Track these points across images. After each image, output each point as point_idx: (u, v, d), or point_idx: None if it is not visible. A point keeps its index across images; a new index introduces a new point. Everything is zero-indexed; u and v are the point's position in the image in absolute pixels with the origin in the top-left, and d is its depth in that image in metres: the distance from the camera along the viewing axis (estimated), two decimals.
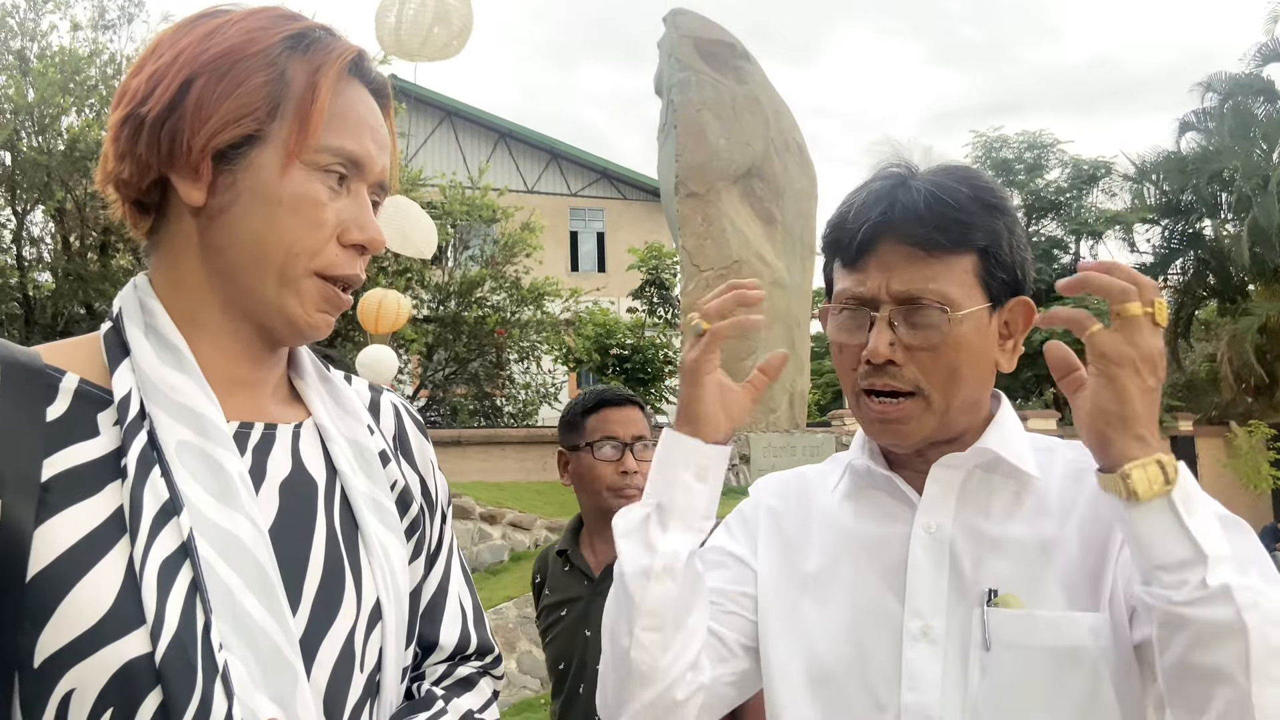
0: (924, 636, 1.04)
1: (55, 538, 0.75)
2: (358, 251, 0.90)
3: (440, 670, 1.01)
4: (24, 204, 13.31)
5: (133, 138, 0.86)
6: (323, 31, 0.92)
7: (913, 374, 1.04)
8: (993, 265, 1.05)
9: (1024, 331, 1.10)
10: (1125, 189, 20.64)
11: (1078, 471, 1.07)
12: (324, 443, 0.93)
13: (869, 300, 1.06)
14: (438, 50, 5.47)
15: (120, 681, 0.74)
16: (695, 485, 1.06)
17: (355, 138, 0.89)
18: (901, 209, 1.05)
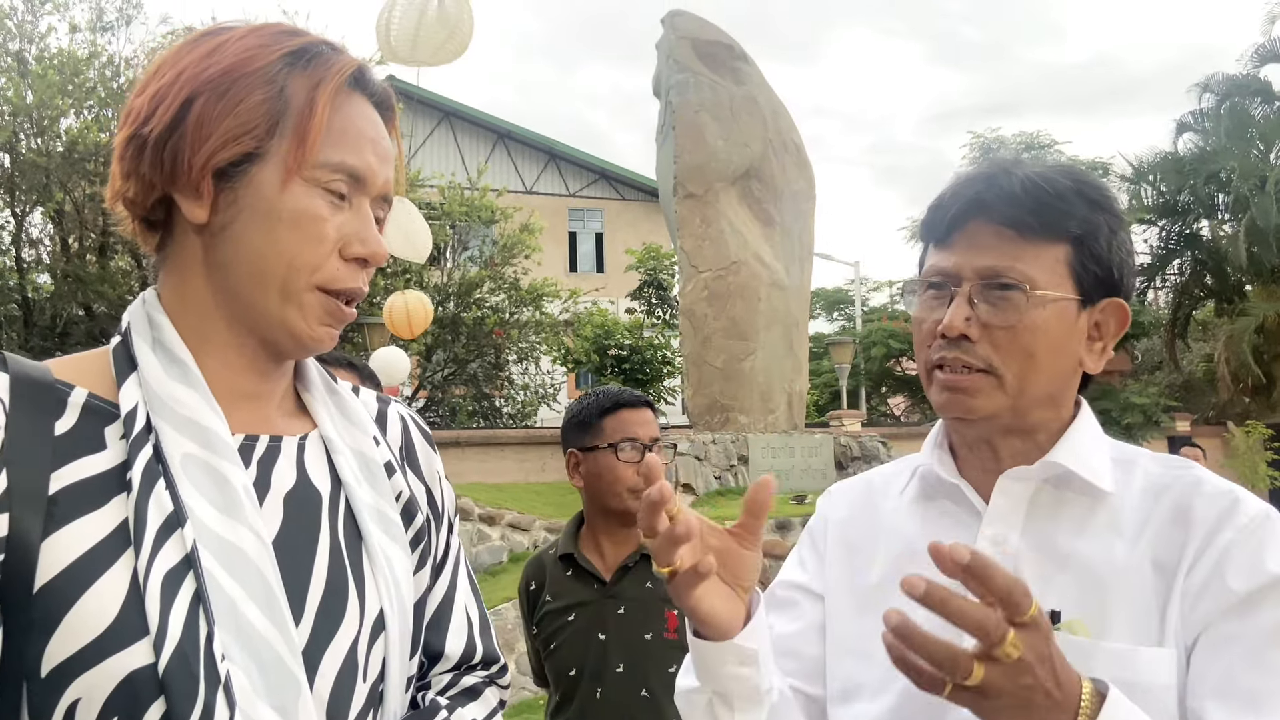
0: None
1: (62, 550, 0.76)
2: (360, 265, 0.90)
3: (446, 679, 1.01)
4: (23, 206, 13.31)
5: (136, 157, 0.87)
6: (324, 46, 0.92)
7: (986, 351, 1.02)
8: (1086, 258, 1.03)
9: (1116, 335, 1.07)
10: (1123, 189, 20.65)
11: (1158, 488, 1.03)
12: (329, 454, 0.94)
13: (952, 275, 1.04)
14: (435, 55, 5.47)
15: (124, 691, 0.75)
16: (743, 671, 0.99)
17: (356, 152, 0.89)
18: (998, 189, 1.03)
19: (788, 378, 12.00)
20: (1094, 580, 1.00)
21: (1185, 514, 1.00)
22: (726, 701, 1.02)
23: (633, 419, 2.17)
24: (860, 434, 12.79)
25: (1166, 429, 16.17)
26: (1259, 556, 0.96)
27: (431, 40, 5.34)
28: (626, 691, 2.04)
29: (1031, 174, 1.04)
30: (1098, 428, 1.10)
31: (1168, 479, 1.04)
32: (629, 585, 2.10)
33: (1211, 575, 0.96)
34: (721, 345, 11.36)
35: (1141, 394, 17.35)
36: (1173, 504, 1.02)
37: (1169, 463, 1.07)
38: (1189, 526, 0.99)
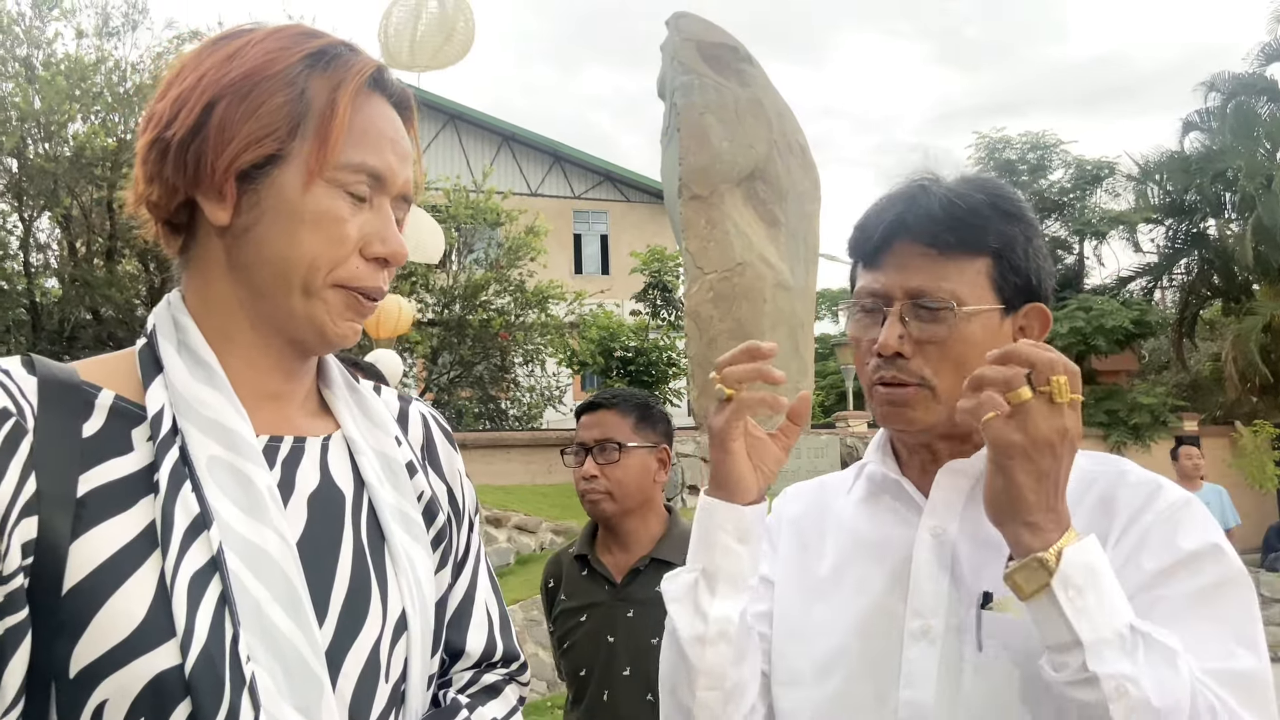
0: (923, 636, 1.07)
1: (90, 552, 0.77)
2: (380, 264, 0.92)
3: (466, 677, 1.02)
4: (31, 211, 13.35)
5: (159, 161, 0.88)
6: (343, 48, 0.93)
7: (919, 366, 1.09)
8: (1006, 269, 1.10)
9: (1039, 337, 1.13)
10: (1129, 189, 20.59)
11: (1087, 480, 1.09)
12: (352, 455, 0.95)
13: (883, 295, 1.11)
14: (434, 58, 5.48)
15: (151, 693, 0.76)
16: (737, 548, 1.10)
17: (377, 152, 0.90)
18: (919, 212, 1.10)
19: (793, 379, 11.99)
20: None
21: (1110, 502, 1.06)
22: (711, 581, 1.10)
23: (583, 422, 2.19)
24: (866, 434, 12.77)
25: (1174, 429, 16.12)
26: (1173, 537, 1.01)
27: (429, 44, 5.35)
28: (632, 695, 2.04)
29: (948, 192, 1.11)
30: None
31: (1095, 472, 1.10)
32: (638, 588, 2.10)
33: (1129, 556, 1.02)
34: (727, 347, 11.08)
35: (1148, 394, 17.28)
36: (1099, 494, 1.08)
37: (1097, 459, 1.14)
38: (1113, 514, 1.05)
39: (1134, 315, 17.70)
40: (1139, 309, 18.31)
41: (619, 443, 2.12)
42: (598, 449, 2.13)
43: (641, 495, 2.14)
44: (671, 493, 10.69)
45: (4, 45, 13.15)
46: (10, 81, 12.90)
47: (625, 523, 2.15)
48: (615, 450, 2.12)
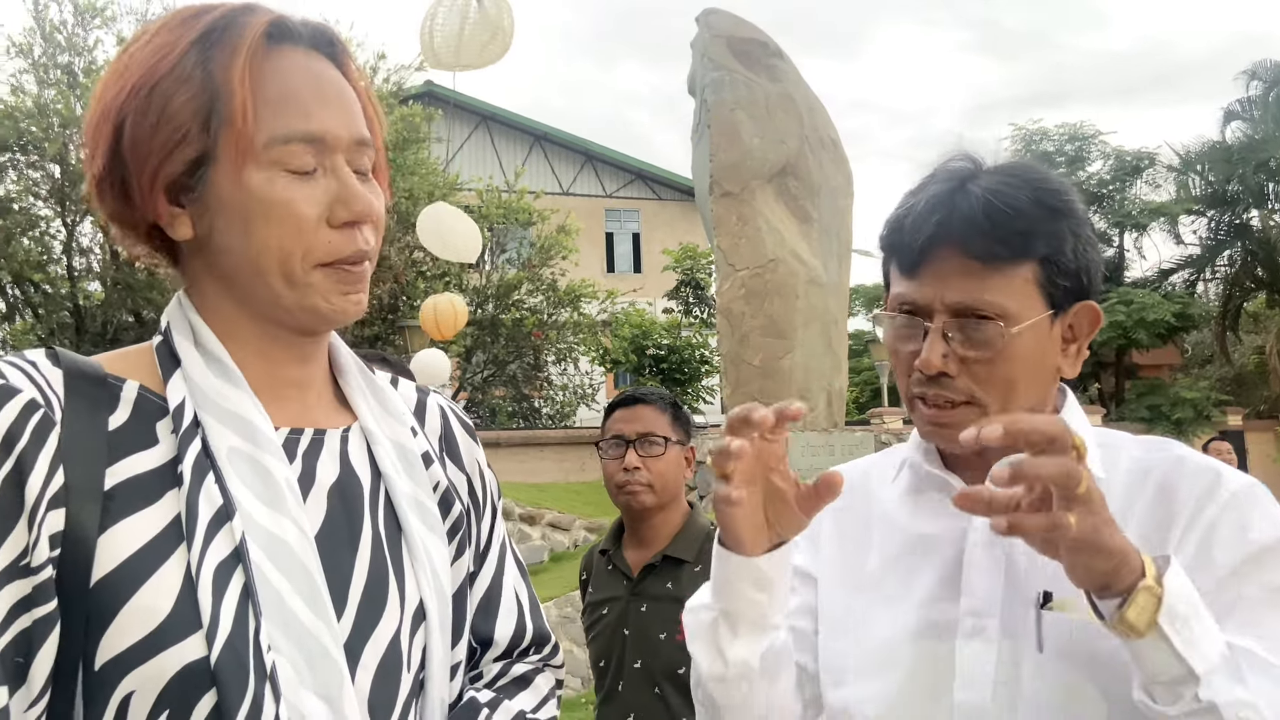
0: (978, 635, 1.03)
1: (118, 545, 0.77)
2: (353, 227, 0.85)
3: (496, 670, 1.01)
4: (73, 216, 13.63)
5: (102, 199, 0.86)
6: (234, 13, 0.85)
7: (966, 385, 1.02)
8: (1054, 273, 1.02)
9: (1088, 336, 1.07)
10: (1169, 180, 20.25)
11: (1142, 470, 1.04)
12: (369, 445, 0.94)
13: (923, 309, 1.04)
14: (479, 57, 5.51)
15: (178, 684, 0.76)
16: (757, 595, 1.03)
17: (301, 115, 0.83)
18: (959, 218, 1.01)
19: (827, 375, 11.92)
20: None
21: (1169, 493, 1.02)
22: (732, 623, 1.04)
23: (621, 416, 2.21)
24: (902, 431, 12.67)
25: (1217, 423, 15.83)
26: (1242, 528, 0.97)
27: (475, 43, 5.39)
28: (641, 688, 2.09)
29: (989, 194, 1.02)
30: (1083, 414, 1.11)
31: (1151, 460, 1.05)
32: (652, 584, 2.14)
33: (1198, 552, 0.98)
34: (759, 343, 11.32)
35: (1192, 388, 17.00)
36: (1156, 484, 1.03)
37: (1150, 445, 1.09)
38: (1173, 505, 1.01)
39: (1176, 308, 17.41)
40: (1181, 302, 18.01)
41: (664, 436, 2.15)
42: (640, 442, 2.15)
43: (675, 490, 2.19)
44: (705, 490, 10.67)
45: (46, 53, 13.43)
46: (53, 89, 13.16)
47: (653, 517, 2.18)
48: (660, 444, 2.14)
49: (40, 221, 13.75)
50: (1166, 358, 20.28)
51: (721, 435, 0.97)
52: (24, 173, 13.63)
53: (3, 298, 14.07)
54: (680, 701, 2.05)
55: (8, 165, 13.54)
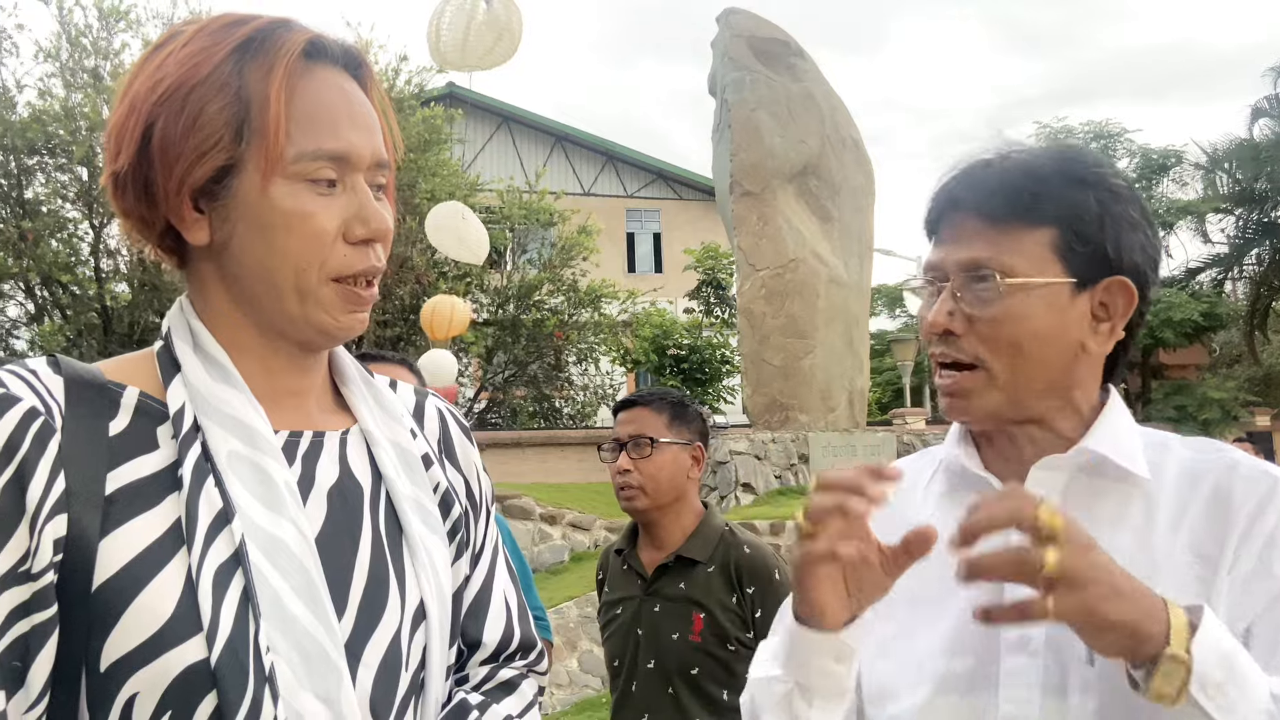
0: (1023, 648, 0.99)
1: (119, 549, 0.78)
2: (367, 244, 0.88)
3: (483, 673, 1.01)
4: (101, 218, 13.79)
5: (121, 196, 0.86)
6: (274, 26, 0.86)
7: (972, 345, 1.01)
8: (1073, 239, 1.00)
9: (1125, 314, 1.03)
10: (1197, 178, 20.03)
11: (1194, 473, 1.01)
12: (369, 448, 0.95)
13: (939, 270, 1.04)
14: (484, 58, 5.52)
15: (180, 685, 0.77)
16: (835, 667, 0.98)
17: (331, 133, 0.85)
18: (974, 181, 1.03)
19: (848, 375, 11.87)
20: (1135, 571, 0.96)
21: (1225, 499, 0.98)
22: (807, 695, 1.00)
23: (620, 419, 2.23)
24: (924, 431, 12.61)
25: (1245, 424, 15.63)
26: None
27: (480, 44, 5.40)
28: (654, 688, 2.10)
29: (1011, 162, 1.02)
30: (1129, 415, 1.07)
31: (1204, 463, 1.01)
32: (665, 584, 2.15)
33: (1258, 563, 0.94)
34: (780, 343, 11.28)
35: (1219, 388, 16.80)
36: (1211, 489, 0.99)
37: (1201, 446, 1.05)
38: (1229, 512, 0.97)
39: (1203, 307, 17.23)
40: (1208, 301, 17.81)
41: (650, 438, 2.16)
42: (631, 444, 2.17)
43: (674, 491, 2.17)
44: (725, 490, 10.65)
45: (73, 57, 13.60)
46: (80, 92, 13.33)
47: (659, 518, 2.18)
48: (647, 445, 2.15)
49: (68, 224, 13.93)
50: (1194, 357, 20.05)
51: (810, 494, 0.92)
52: (52, 175, 13.81)
53: (32, 299, 14.25)
54: (693, 701, 2.05)
55: (36, 168, 13.72)
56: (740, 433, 11.44)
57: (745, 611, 2.08)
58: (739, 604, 2.08)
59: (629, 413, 2.21)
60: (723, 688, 2.05)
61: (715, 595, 2.08)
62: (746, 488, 10.71)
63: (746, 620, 2.08)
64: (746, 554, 2.12)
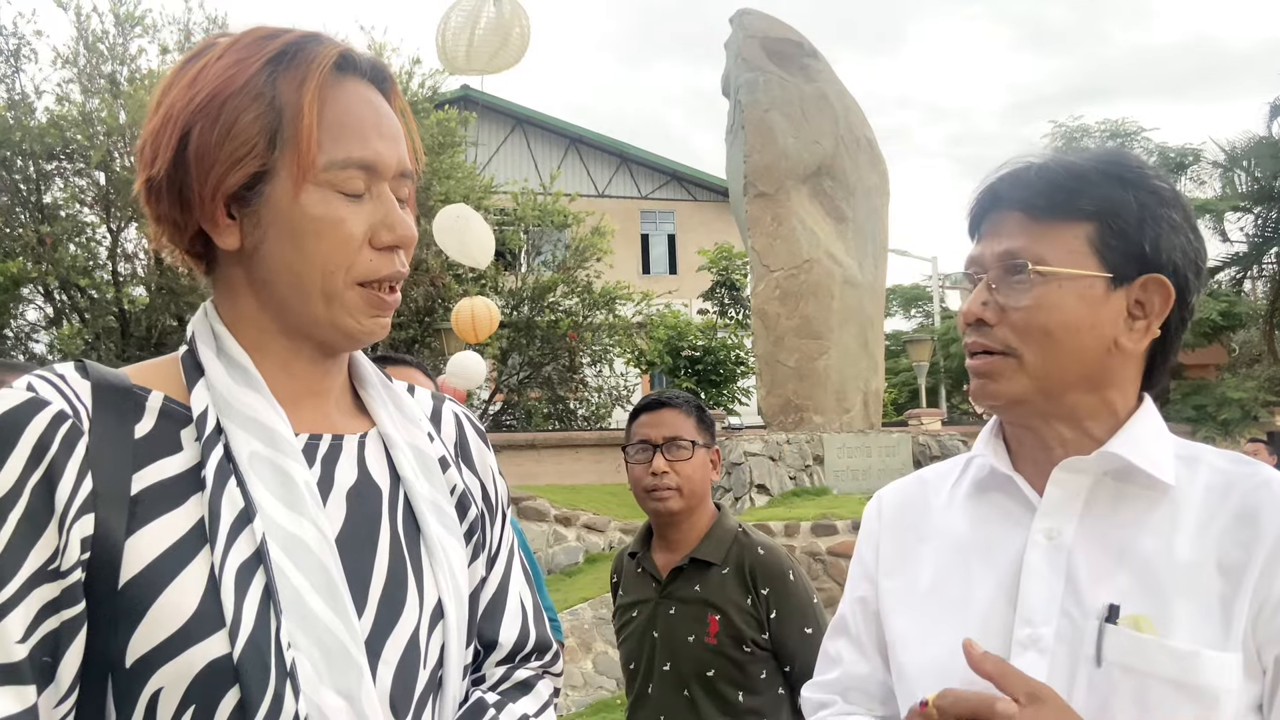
0: (1032, 645, 1.00)
1: (145, 547, 0.80)
2: (392, 250, 0.91)
3: (499, 673, 1.03)
4: (118, 222, 13.90)
5: (156, 201, 0.89)
6: (306, 40, 0.90)
7: (1004, 334, 1.03)
8: (1109, 235, 1.02)
9: (1161, 313, 1.04)
10: (1215, 176, 19.86)
11: (1224, 485, 1.01)
12: (388, 451, 0.97)
13: (978, 264, 1.07)
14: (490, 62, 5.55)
15: (203, 680, 0.79)
16: None
17: (360, 142, 0.88)
18: (1012, 178, 1.06)
19: (863, 376, 11.83)
20: (1154, 577, 0.98)
21: (1254, 515, 0.97)
22: None
23: (647, 420, 2.21)
24: (940, 432, 12.55)
25: (1265, 424, 15.48)
26: None
27: (486, 48, 5.43)
28: (670, 691, 2.10)
29: (1053, 161, 1.05)
30: (1161, 421, 1.07)
31: (1234, 476, 1.01)
32: (680, 587, 2.15)
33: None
34: (794, 344, 11.26)
35: (1238, 388, 16.63)
36: (1240, 503, 0.99)
37: (1236, 459, 1.05)
38: (1258, 529, 0.96)
39: (1222, 306, 17.07)
40: (1227, 300, 17.65)
41: (690, 440, 2.15)
42: (667, 446, 2.16)
43: (703, 492, 2.19)
44: (740, 491, 10.64)
45: (90, 62, 13.71)
46: (97, 97, 13.44)
47: (683, 520, 2.19)
48: (687, 447, 2.15)
49: (86, 228, 14.04)
50: (1212, 357, 19.88)
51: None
52: (70, 180, 13.92)
53: (50, 303, 14.38)
54: (708, 703, 2.05)
55: (54, 173, 13.84)
56: (755, 434, 11.43)
57: (760, 613, 2.08)
58: (754, 605, 2.08)
59: (657, 414, 2.20)
60: (738, 689, 2.05)
61: (730, 597, 2.08)
62: (761, 489, 10.69)
63: (761, 621, 2.08)
64: (760, 555, 2.12)
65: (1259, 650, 0.94)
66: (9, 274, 12.41)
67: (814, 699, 1.24)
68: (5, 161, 13.10)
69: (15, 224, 13.38)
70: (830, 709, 1.20)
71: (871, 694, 1.19)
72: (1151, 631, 0.95)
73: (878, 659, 1.18)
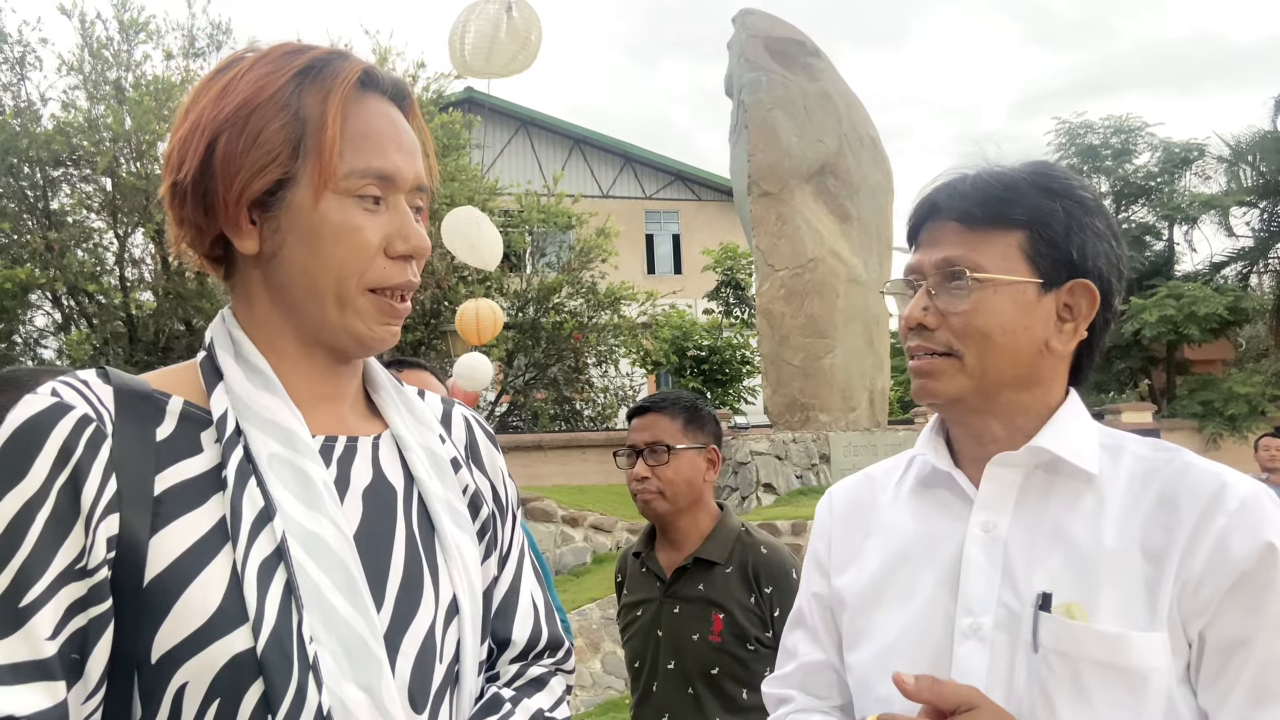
0: (973, 634, 1.05)
1: (168, 546, 0.83)
2: (405, 260, 0.94)
3: (513, 670, 1.06)
4: (125, 227, 13.95)
5: (180, 205, 0.92)
6: (331, 56, 0.94)
7: (945, 337, 1.09)
8: (1040, 243, 1.07)
9: (1087, 316, 1.10)
10: (1220, 171, 19.79)
11: (1145, 472, 1.06)
12: (401, 452, 1.00)
13: (917, 271, 1.12)
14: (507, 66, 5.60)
15: (228, 674, 0.81)
16: None
17: (379, 154, 0.92)
18: (949, 189, 1.12)
19: (869, 375, 11.83)
20: (1083, 564, 1.03)
21: (1174, 499, 1.02)
22: None
23: (635, 425, 2.26)
24: None
25: (1273, 419, 15.42)
26: (1255, 533, 0.97)
27: (504, 53, 5.49)
28: (675, 688, 2.13)
29: (985, 172, 1.10)
30: (1086, 414, 1.13)
31: (1155, 463, 1.06)
32: (684, 586, 2.17)
33: (1210, 560, 0.98)
34: (800, 343, 11.27)
35: (1245, 383, 16.58)
36: (1160, 489, 1.04)
37: (1157, 446, 1.09)
38: (1178, 512, 1.01)
39: (1228, 301, 17.01)
40: (1234, 295, 17.58)
41: (667, 444, 2.19)
42: (648, 450, 2.20)
43: (691, 494, 2.20)
44: (747, 491, 10.64)
45: (95, 69, 13.77)
46: (102, 104, 13.49)
47: (677, 521, 2.21)
48: (664, 452, 2.18)
49: (93, 234, 14.09)
50: (1219, 352, 19.81)
51: None
52: (77, 186, 13.99)
53: (58, 308, 14.44)
54: (713, 701, 2.08)
55: (61, 180, 13.91)
56: (761, 433, 11.43)
57: (764, 611, 2.10)
58: (757, 604, 2.10)
59: (643, 419, 2.24)
60: (742, 687, 2.07)
61: (733, 596, 2.10)
62: (768, 488, 10.70)
63: (765, 620, 2.10)
64: (763, 554, 2.14)
65: (1184, 626, 0.99)
66: (17, 280, 12.47)
67: (774, 694, 1.28)
68: (12, 168, 13.16)
69: (23, 230, 13.44)
70: (789, 705, 1.25)
71: (831, 682, 1.24)
72: (1083, 618, 1.00)
73: (833, 650, 1.23)
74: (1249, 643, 0.97)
